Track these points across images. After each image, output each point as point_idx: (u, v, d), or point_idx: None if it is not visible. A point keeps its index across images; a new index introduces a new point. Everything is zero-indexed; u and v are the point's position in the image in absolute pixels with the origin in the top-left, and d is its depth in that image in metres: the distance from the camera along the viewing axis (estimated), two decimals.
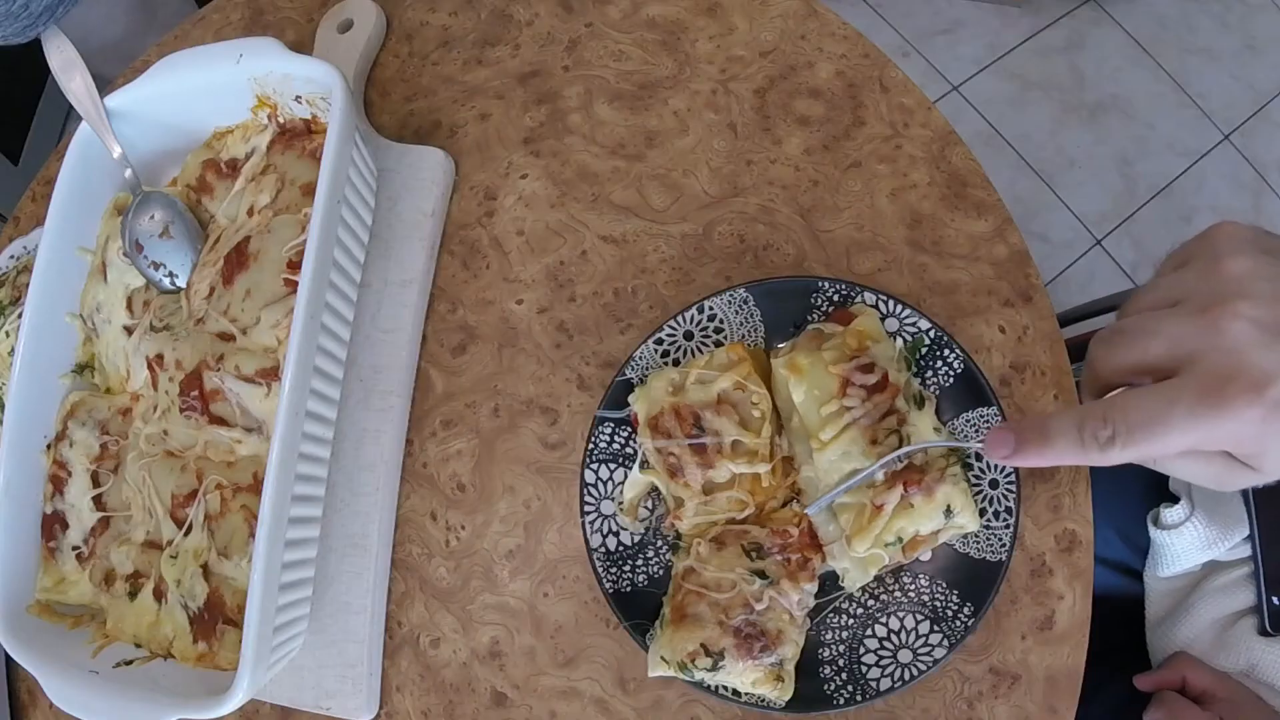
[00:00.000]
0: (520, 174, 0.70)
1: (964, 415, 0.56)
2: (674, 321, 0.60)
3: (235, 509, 0.59)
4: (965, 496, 0.53)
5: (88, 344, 0.67)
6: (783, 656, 0.53)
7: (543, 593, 0.62)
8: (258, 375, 0.59)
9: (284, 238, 0.61)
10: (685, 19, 0.72)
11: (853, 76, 0.68)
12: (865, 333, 0.55)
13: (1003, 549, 0.54)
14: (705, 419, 0.55)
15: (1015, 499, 0.54)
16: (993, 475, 0.55)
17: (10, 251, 0.76)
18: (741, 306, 0.60)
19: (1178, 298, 0.41)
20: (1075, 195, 1.63)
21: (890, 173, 0.66)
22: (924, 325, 0.57)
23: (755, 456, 0.55)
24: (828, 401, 0.54)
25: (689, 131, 0.69)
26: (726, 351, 0.57)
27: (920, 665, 0.53)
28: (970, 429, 0.56)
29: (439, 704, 0.62)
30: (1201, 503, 0.66)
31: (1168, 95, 1.68)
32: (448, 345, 0.68)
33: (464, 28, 0.75)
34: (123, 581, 0.62)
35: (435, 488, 0.65)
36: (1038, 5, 1.72)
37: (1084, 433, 0.41)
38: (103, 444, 0.64)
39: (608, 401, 0.59)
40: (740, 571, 0.54)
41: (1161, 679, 0.65)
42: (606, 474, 0.59)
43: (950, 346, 0.57)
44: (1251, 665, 0.64)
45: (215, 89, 0.64)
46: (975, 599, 0.54)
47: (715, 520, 0.57)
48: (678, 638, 0.53)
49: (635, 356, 0.59)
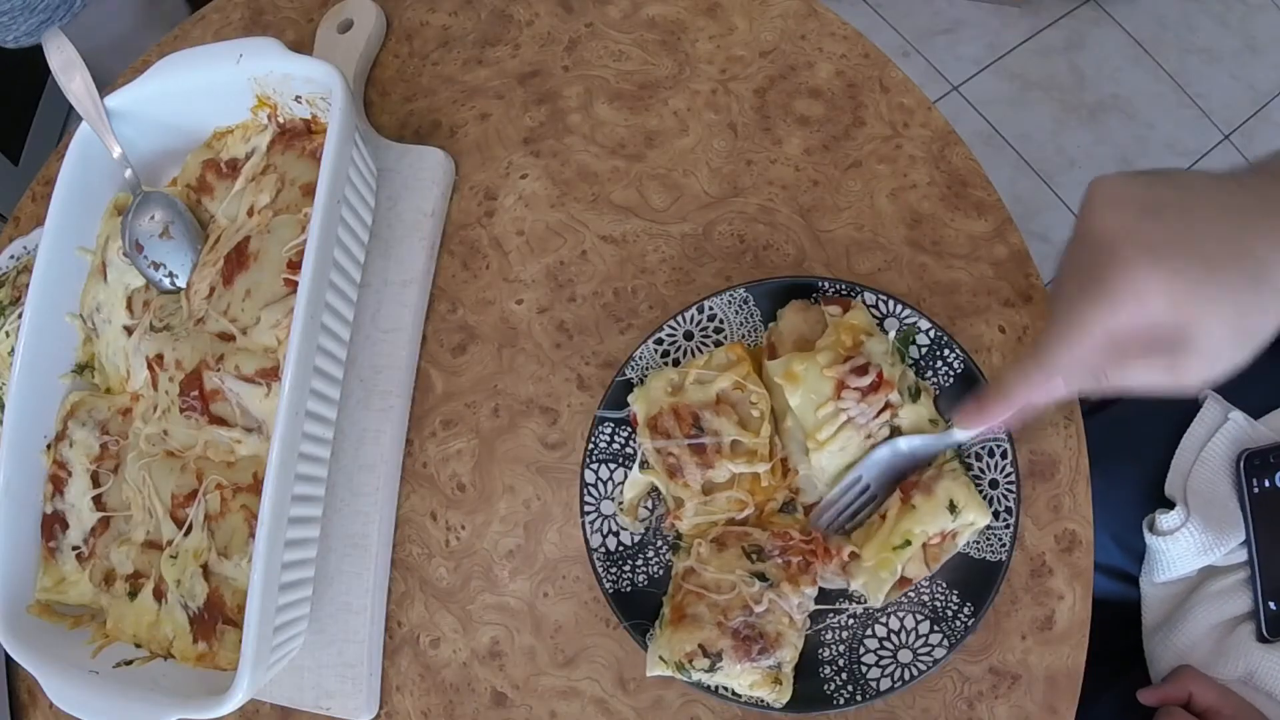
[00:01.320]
0: (520, 174, 0.70)
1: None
2: (674, 321, 0.60)
3: (235, 509, 0.59)
4: (968, 490, 0.53)
5: (88, 344, 0.67)
6: (781, 659, 0.53)
7: (543, 593, 0.62)
8: (258, 375, 0.59)
9: (284, 238, 0.61)
10: (685, 19, 0.72)
11: (853, 76, 0.68)
12: (858, 326, 0.55)
13: (1003, 549, 0.54)
14: (704, 419, 0.56)
15: (1015, 499, 0.54)
16: (992, 475, 0.55)
17: (10, 251, 0.76)
18: (741, 306, 0.60)
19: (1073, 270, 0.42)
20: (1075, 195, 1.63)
21: (890, 173, 0.66)
22: (924, 325, 0.57)
23: (754, 456, 0.56)
24: (824, 404, 0.54)
25: (689, 131, 0.69)
26: (726, 351, 0.57)
27: (920, 665, 0.53)
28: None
29: (439, 704, 0.62)
30: (1197, 508, 0.66)
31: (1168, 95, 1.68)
32: (448, 345, 0.68)
33: (464, 28, 0.75)
34: (123, 581, 0.62)
35: (435, 488, 0.65)
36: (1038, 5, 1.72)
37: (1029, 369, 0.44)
38: (103, 444, 0.64)
39: (608, 401, 0.59)
40: (740, 573, 0.54)
41: (1166, 694, 0.64)
42: (606, 474, 0.59)
43: (950, 347, 0.57)
44: (1250, 672, 0.64)
45: (215, 89, 0.64)
46: (975, 599, 0.54)
47: (715, 520, 0.57)
48: (676, 638, 0.53)
49: (635, 356, 0.59)
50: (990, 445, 0.56)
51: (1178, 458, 0.69)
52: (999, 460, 0.56)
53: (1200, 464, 0.68)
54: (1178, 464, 0.69)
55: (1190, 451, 0.69)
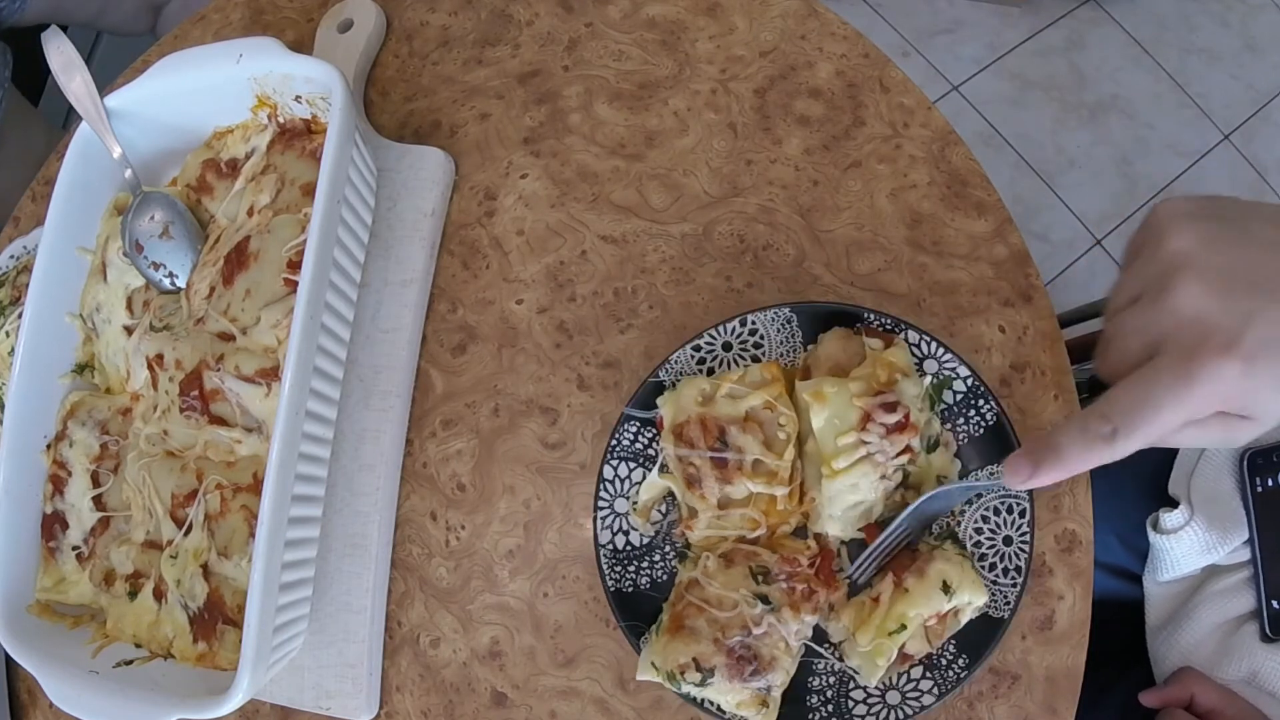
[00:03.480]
0: (520, 174, 0.70)
1: (988, 468, 0.56)
2: (714, 331, 0.59)
3: (235, 509, 0.59)
4: (961, 570, 0.53)
5: (88, 344, 0.67)
6: (772, 683, 0.53)
7: (543, 593, 0.62)
8: (258, 375, 0.59)
9: (284, 238, 0.61)
10: (685, 19, 0.72)
11: (853, 76, 0.68)
12: (895, 364, 0.54)
13: (1006, 606, 0.54)
14: (730, 434, 0.55)
15: (1026, 559, 0.54)
16: (1006, 532, 0.55)
17: (10, 251, 0.76)
18: (784, 325, 0.59)
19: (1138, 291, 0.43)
20: (1075, 195, 1.63)
21: (890, 173, 0.66)
22: (963, 372, 0.56)
23: (774, 478, 0.55)
24: (846, 432, 0.53)
25: (689, 131, 0.69)
26: (761, 370, 0.56)
27: (907, 709, 0.53)
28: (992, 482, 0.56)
29: (439, 704, 0.62)
30: (1200, 507, 0.66)
31: (1168, 95, 1.68)
32: (448, 345, 0.68)
33: (464, 28, 0.75)
34: (123, 581, 0.62)
35: (435, 488, 0.65)
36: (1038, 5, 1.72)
37: (1088, 435, 0.43)
38: (103, 444, 0.64)
39: (637, 400, 0.59)
40: (744, 593, 0.54)
41: (1168, 695, 0.64)
42: (625, 472, 0.59)
43: (985, 398, 0.56)
44: (1253, 672, 0.64)
45: (215, 89, 0.64)
46: (971, 651, 0.54)
47: (726, 535, 0.57)
48: (672, 647, 0.53)
49: (671, 360, 0.59)
50: (1010, 502, 0.55)
51: (1181, 456, 0.69)
52: (1016, 519, 0.55)
53: (1204, 463, 0.68)
54: (1181, 463, 0.69)
55: (1194, 450, 0.69)
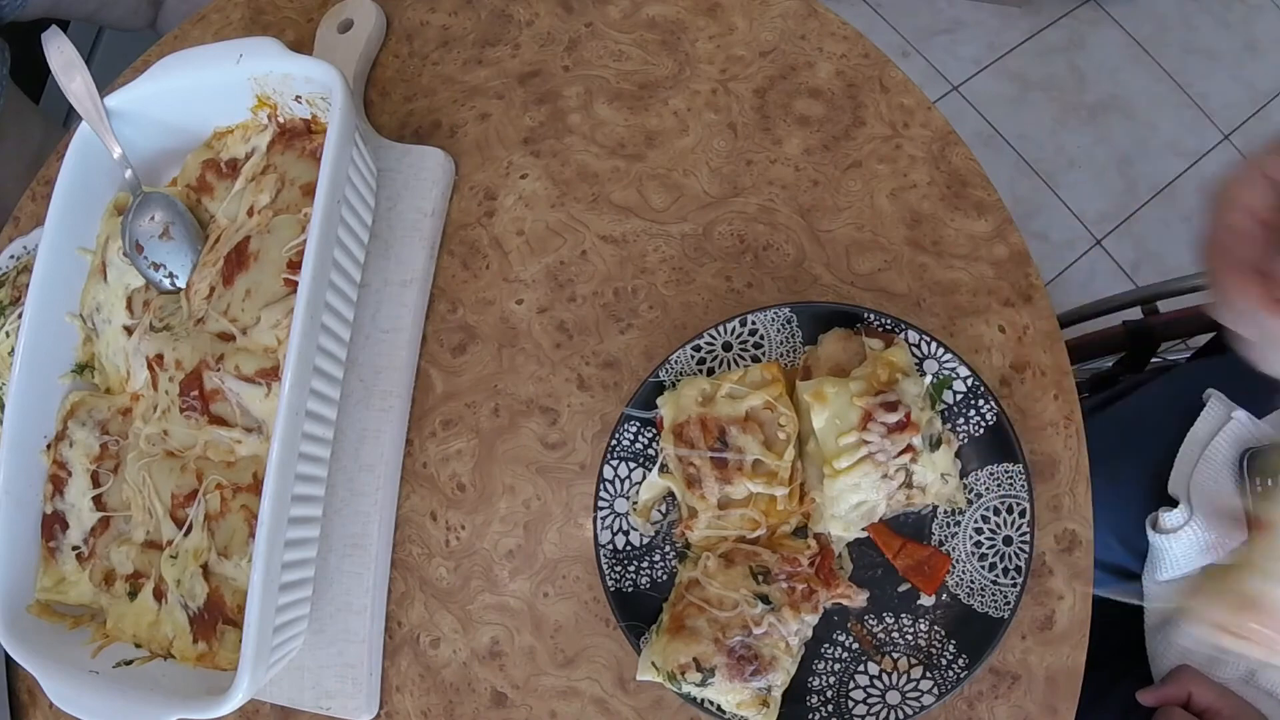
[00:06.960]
0: (520, 174, 0.70)
1: (988, 468, 0.56)
2: (714, 331, 0.59)
3: (235, 509, 0.59)
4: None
5: (88, 344, 0.67)
6: (772, 683, 0.53)
7: (543, 593, 0.62)
8: (258, 375, 0.59)
9: (284, 238, 0.61)
10: (685, 19, 0.72)
11: (853, 76, 0.68)
12: (896, 364, 0.54)
13: (1006, 606, 0.54)
14: (730, 434, 0.55)
15: (1026, 559, 0.54)
16: (1006, 532, 0.55)
17: (10, 251, 0.76)
18: (784, 325, 0.59)
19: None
20: (1075, 195, 1.63)
21: (890, 173, 0.66)
22: (963, 373, 0.56)
23: (774, 479, 0.55)
24: (847, 432, 0.53)
25: (689, 131, 0.69)
26: (762, 370, 0.57)
27: (907, 708, 0.53)
28: (992, 482, 0.56)
29: (439, 704, 0.62)
30: (1200, 507, 0.66)
31: (1168, 95, 1.68)
32: (448, 345, 0.68)
33: (464, 28, 0.75)
34: (123, 581, 0.62)
35: (435, 488, 0.65)
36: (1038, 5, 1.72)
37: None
38: (103, 444, 0.64)
39: (636, 400, 0.59)
40: (744, 593, 0.54)
41: (1165, 694, 0.64)
42: (625, 472, 0.59)
43: (985, 398, 0.56)
44: (1251, 671, 0.64)
45: (215, 89, 0.64)
46: (971, 651, 0.54)
47: (726, 535, 0.57)
48: (672, 647, 0.53)
49: (671, 360, 0.59)
50: (1010, 502, 0.55)
51: (1181, 456, 0.69)
52: (1016, 519, 0.55)
53: (1204, 463, 0.68)
54: (1181, 462, 0.69)
55: (1194, 450, 0.69)
